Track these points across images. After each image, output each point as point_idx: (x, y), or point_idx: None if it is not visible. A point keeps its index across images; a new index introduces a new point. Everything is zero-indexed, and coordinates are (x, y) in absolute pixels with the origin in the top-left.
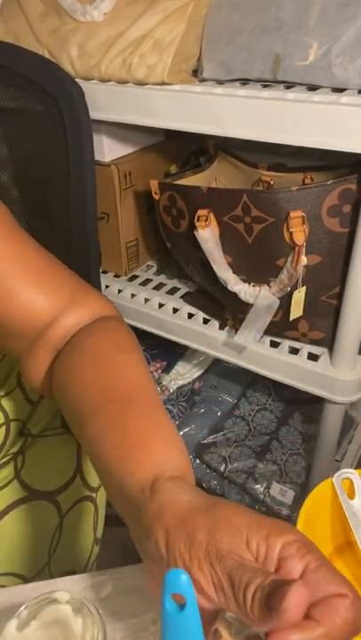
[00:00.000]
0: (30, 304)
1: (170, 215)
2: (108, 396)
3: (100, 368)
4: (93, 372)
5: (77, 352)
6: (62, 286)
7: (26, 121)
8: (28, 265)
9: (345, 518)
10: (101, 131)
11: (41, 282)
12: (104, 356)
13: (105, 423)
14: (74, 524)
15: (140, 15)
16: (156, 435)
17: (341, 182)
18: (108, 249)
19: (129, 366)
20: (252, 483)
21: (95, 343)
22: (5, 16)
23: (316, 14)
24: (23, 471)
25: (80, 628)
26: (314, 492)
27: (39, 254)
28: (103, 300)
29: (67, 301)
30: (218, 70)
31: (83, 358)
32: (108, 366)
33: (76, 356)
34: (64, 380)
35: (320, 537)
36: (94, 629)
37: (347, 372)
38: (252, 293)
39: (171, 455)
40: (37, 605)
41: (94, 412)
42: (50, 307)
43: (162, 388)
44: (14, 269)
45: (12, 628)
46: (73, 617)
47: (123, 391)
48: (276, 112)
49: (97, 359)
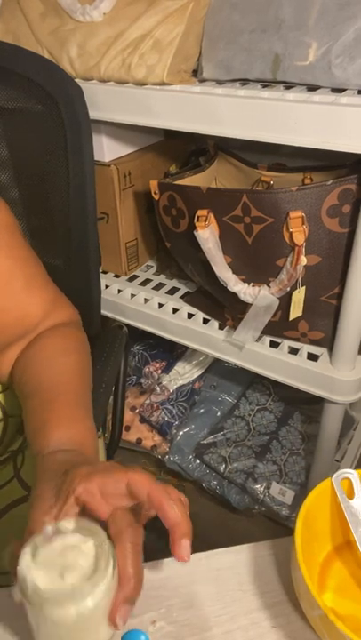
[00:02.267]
0: (25, 310)
1: (169, 215)
2: (38, 388)
3: (41, 365)
4: (36, 368)
5: (32, 350)
6: (48, 293)
7: (25, 121)
8: (27, 278)
9: (344, 518)
10: (101, 131)
11: (34, 291)
12: (47, 356)
13: (31, 407)
14: None
15: (140, 15)
16: (54, 421)
17: (341, 182)
18: (108, 249)
19: (61, 367)
20: (251, 483)
21: (46, 345)
22: (5, 16)
23: (316, 14)
24: (23, 470)
25: (92, 550)
26: (313, 491)
27: (34, 264)
28: (70, 306)
29: (50, 306)
30: (218, 70)
31: (34, 355)
32: (46, 365)
33: (31, 353)
34: (19, 369)
35: (320, 537)
36: (104, 547)
37: (346, 372)
38: (252, 293)
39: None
40: (48, 535)
41: (28, 397)
42: (39, 311)
43: (162, 388)
44: (15, 282)
45: (27, 554)
46: (83, 542)
47: (47, 386)
48: (276, 112)
49: (42, 358)
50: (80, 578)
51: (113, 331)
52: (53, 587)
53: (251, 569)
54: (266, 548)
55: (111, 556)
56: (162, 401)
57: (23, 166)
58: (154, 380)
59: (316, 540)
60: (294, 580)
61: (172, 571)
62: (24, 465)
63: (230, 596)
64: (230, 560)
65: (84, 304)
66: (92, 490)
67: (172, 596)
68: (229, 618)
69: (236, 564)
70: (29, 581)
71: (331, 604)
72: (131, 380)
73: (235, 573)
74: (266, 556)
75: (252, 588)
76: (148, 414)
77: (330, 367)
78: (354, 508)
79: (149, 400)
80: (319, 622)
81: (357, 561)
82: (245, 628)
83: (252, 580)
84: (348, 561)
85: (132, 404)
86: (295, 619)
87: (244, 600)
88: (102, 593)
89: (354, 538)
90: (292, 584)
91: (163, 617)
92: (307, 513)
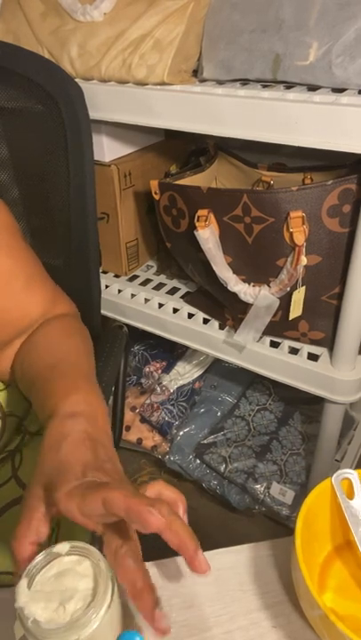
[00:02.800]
0: (25, 308)
1: (170, 215)
2: (47, 366)
3: (46, 347)
4: (42, 350)
5: (35, 336)
6: (48, 291)
7: (26, 121)
8: (27, 278)
9: (344, 518)
10: (101, 131)
11: (35, 291)
12: (52, 339)
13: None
14: (71, 523)
15: (141, 15)
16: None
17: (341, 182)
18: (108, 249)
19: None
20: (252, 483)
21: (49, 331)
22: (5, 16)
23: (317, 14)
24: (20, 470)
25: (89, 570)
26: (313, 491)
27: (34, 264)
28: (69, 301)
29: (50, 304)
30: (218, 70)
31: (37, 341)
32: (53, 346)
33: (33, 339)
34: (21, 357)
35: (320, 537)
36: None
37: (347, 371)
38: (252, 293)
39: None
40: (43, 561)
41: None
42: (39, 309)
43: (162, 388)
44: (15, 282)
45: (23, 587)
46: (78, 563)
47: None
48: (277, 112)
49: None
50: (81, 603)
51: (113, 331)
52: (54, 618)
53: (251, 569)
54: (266, 548)
55: (109, 574)
56: (162, 401)
57: (23, 166)
58: (154, 379)
59: (317, 540)
60: (294, 580)
61: (173, 571)
62: (22, 465)
63: (230, 596)
64: (230, 560)
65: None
66: (73, 510)
67: (172, 596)
68: (229, 618)
69: (237, 564)
70: (29, 616)
71: (331, 604)
72: (131, 380)
73: (235, 573)
74: (266, 556)
75: (253, 588)
76: (148, 414)
77: (330, 367)
78: (354, 509)
79: (150, 400)
80: (319, 622)
81: (358, 561)
82: (245, 628)
83: (252, 580)
84: (349, 561)
85: (133, 404)
86: (295, 619)
87: (244, 600)
88: (104, 613)
89: (354, 538)
90: (292, 584)
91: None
92: (307, 513)
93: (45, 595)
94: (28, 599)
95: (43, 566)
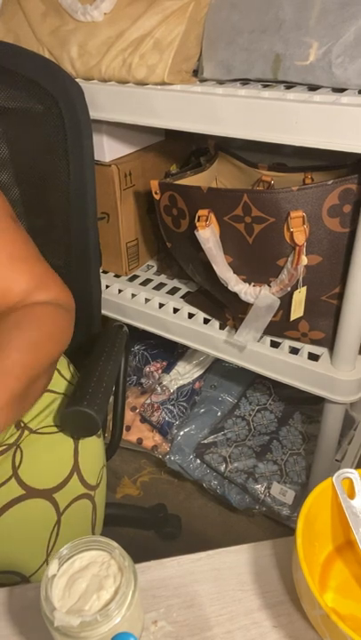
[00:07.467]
0: (8, 287)
1: (170, 215)
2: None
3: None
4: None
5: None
6: (35, 274)
7: (26, 121)
8: (12, 254)
9: (345, 518)
10: (101, 131)
11: (20, 269)
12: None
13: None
14: (72, 521)
15: (141, 15)
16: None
17: (342, 182)
18: (109, 249)
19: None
20: (252, 483)
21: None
22: (5, 16)
23: (317, 14)
24: (21, 469)
25: (116, 568)
26: (314, 491)
27: (23, 243)
28: (63, 289)
29: (34, 287)
30: (218, 70)
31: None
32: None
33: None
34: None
35: (320, 536)
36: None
37: (347, 371)
38: (253, 293)
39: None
40: (75, 549)
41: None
42: (23, 290)
43: (162, 387)
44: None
45: (54, 567)
46: (109, 558)
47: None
48: (277, 112)
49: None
50: (108, 597)
51: (113, 330)
52: (87, 620)
53: (251, 569)
54: (267, 547)
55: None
56: (162, 401)
57: (23, 166)
58: (154, 379)
59: (318, 539)
60: (295, 579)
61: (173, 571)
62: (22, 464)
63: (231, 595)
64: (231, 560)
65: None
66: None
67: (172, 596)
68: (230, 618)
69: (237, 563)
70: (66, 623)
71: (332, 603)
72: (131, 380)
73: (235, 573)
74: (267, 555)
75: (253, 587)
76: (148, 414)
77: (330, 367)
78: (355, 508)
79: (150, 400)
80: (321, 622)
81: (359, 561)
82: (246, 627)
83: (252, 580)
84: (350, 561)
85: (133, 404)
86: (296, 619)
87: (244, 600)
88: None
89: (355, 537)
90: (293, 584)
91: (163, 617)
92: (308, 513)
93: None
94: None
95: (68, 558)
